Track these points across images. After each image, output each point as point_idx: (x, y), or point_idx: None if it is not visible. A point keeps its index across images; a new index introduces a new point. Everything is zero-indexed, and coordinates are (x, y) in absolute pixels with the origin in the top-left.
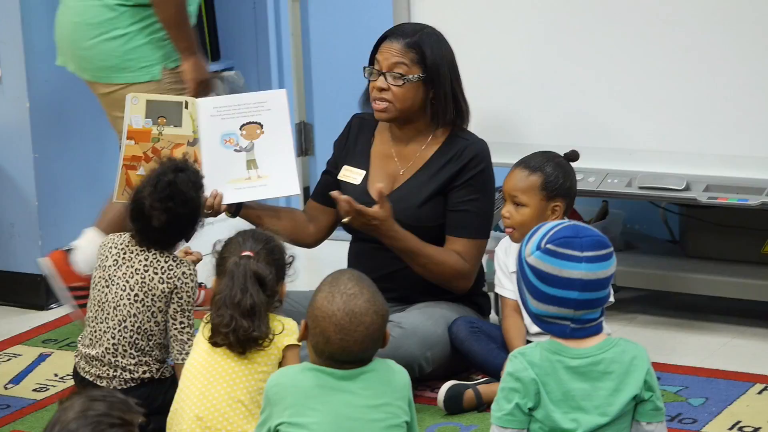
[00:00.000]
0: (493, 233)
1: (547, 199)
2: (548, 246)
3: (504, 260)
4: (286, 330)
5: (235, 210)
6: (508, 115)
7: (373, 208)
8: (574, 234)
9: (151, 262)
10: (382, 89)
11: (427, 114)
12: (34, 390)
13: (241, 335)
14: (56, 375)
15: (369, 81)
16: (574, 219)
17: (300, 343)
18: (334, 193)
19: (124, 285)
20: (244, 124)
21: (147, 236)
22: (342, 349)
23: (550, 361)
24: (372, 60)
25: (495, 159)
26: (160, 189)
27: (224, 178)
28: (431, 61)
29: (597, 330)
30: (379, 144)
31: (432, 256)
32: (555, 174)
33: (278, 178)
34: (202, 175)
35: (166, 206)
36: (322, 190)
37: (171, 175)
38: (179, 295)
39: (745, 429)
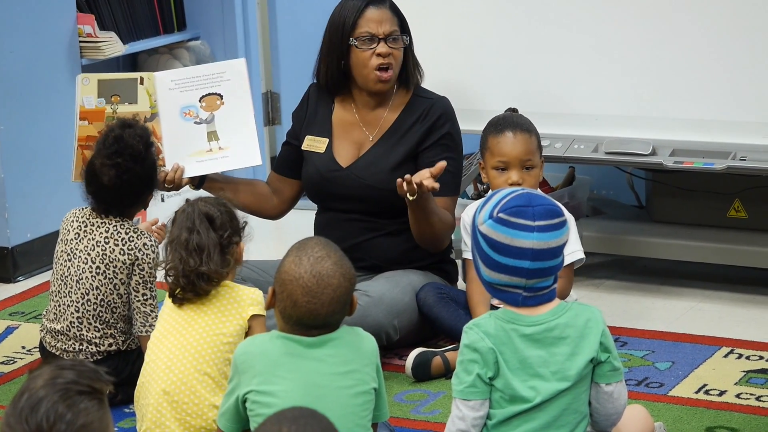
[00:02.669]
0: (459, 200)
1: (540, 155)
2: (500, 215)
3: (470, 225)
4: (251, 300)
5: (199, 182)
6: (472, 81)
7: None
8: (527, 203)
9: (112, 234)
10: (387, 54)
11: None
12: (2, 363)
13: (188, 273)
14: (24, 347)
15: (361, 50)
16: (541, 185)
17: (264, 314)
18: (400, 182)
19: (85, 258)
20: (203, 96)
21: (102, 200)
22: (309, 312)
23: (505, 330)
24: (352, 30)
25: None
26: (107, 145)
27: (185, 152)
28: (406, 23)
29: (550, 297)
30: (340, 111)
31: (441, 214)
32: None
33: (240, 149)
34: (150, 131)
35: (114, 162)
36: (283, 162)
37: (118, 130)
38: (141, 267)
39: (711, 392)
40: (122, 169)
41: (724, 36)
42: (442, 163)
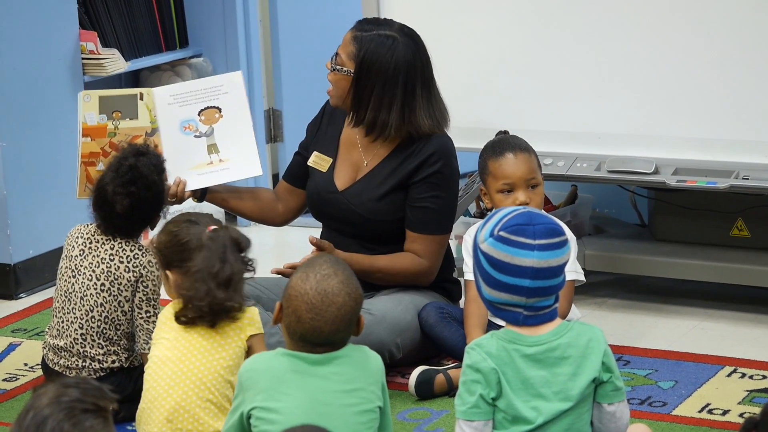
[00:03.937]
0: (462, 218)
1: (541, 173)
2: (501, 233)
3: (472, 246)
4: (248, 320)
5: (201, 195)
6: (476, 99)
7: (324, 244)
8: (527, 221)
9: (117, 251)
10: (329, 71)
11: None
12: (4, 380)
13: (215, 306)
14: (26, 365)
15: None
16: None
17: (262, 331)
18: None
19: (90, 275)
20: (202, 110)
21: (111, 224)
22: (312, 329)
23: (507, 350)
24: None
25: (461, 144)
26: (122, 173)
27: (186, 165)
28: (363, 61)
29: (551, 317)
30: (347, 132)
31: (386, 267)
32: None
33: (240, 160)
34: (163, 159)
35: (128, 191)
36: (293, 171)
37: (132, 159)
38: (145, 284)
39: (714, 411)
40: (136, 198)
41: (727, 55)
42: (309, 236)
